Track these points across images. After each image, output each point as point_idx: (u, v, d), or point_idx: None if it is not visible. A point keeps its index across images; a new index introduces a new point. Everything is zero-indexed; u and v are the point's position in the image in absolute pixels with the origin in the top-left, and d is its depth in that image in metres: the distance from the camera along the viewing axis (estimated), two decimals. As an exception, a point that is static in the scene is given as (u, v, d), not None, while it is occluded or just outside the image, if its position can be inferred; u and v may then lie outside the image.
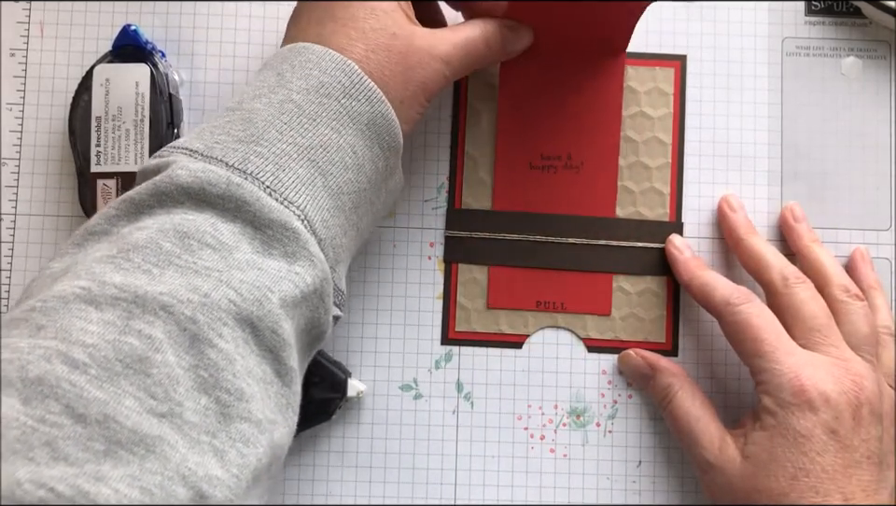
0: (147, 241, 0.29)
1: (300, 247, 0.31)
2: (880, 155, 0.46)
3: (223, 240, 0.30)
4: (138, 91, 0.42)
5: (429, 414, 0.44)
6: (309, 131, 0.33)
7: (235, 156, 0.32)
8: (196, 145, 0.32)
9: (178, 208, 0.31)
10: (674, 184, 0.45)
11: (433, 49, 0.37)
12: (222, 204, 0.31)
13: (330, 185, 0.33)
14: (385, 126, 0.35)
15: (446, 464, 0.44)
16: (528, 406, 0.44)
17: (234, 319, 0.29)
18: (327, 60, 0.34)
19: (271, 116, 0.33)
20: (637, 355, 0.43)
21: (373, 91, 0.35)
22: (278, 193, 0.32)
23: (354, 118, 0.34)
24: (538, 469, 0.44)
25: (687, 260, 0.43)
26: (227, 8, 0.46)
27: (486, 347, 0.44)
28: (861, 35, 0.46)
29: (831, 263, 0.42)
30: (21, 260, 0.45)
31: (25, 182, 0.45)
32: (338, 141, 0.34)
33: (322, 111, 0.34)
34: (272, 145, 0.32)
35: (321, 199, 0.33)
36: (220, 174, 0.31)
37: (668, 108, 0.45)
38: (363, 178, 0.35)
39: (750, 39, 0.46)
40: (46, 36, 0.46)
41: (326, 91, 0.34)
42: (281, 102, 0.33)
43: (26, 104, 0.45)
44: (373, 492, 0.44)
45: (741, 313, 0.40)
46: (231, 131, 0.33)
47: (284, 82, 0.34)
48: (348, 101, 0.34)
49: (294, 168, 0.32)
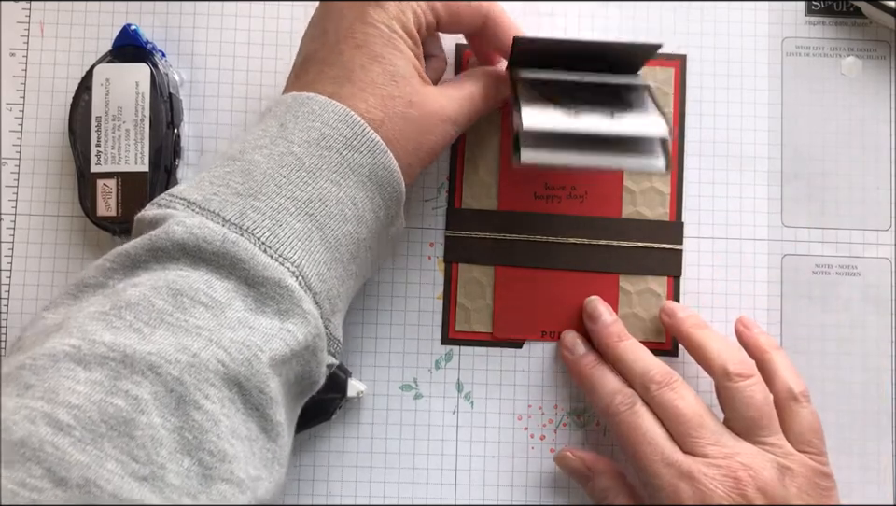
0: (140, 298, 0.30)
1: (293, 305, 0.31)
2: (880, 155, 0.46)
3: (216, 297, 0.30)
4: (138, 91, 0.42)
5: (429, 413, 0.44)
6: (308, 184, 0.33)
7: (233, 210, 0.32)
8: (194, 196, 0.32)
9: (174, 264, 0.31)
10: (674, 184, 0.45)
11: (443, 112, 0.37)
12: (217, 261, 0.31)
13: (328, 238, 0.33)
14: (388, 177, 0.35)
15: (446, 464, 0.44)
16: (528, 406, 0.44)
17: (222, 380, 0.29)
18: (329, 111, 0.34)
19: (270, 169, 0.33)
20: (574, 456, 0.42)
21: (375, 142, 0.35)
22: (273, 249, 0.32)
23: (355, 169, 0.34)
24: (538, 469, 0.44)
25: (576, 360, 0.43)
26: (227, 8, 0.46)
27: (486, 347, 0.44)
28: (861, 35, 0.46)
29: (710, 346, 0.41)
30: (21, 260, 0.45)
31: (25, 182, 0.45)
32: (337, 194, 0.34)
33: (322, 164, 0.34)
34: (269, 199, 0.33)
35: (317, 253, 0.33)
36: (216, 230, 0.31)
37: (668, 108, 0.45)
38: (363, 229, 0.35)
39: (750, 39, 0.46)
40: (46, 36, 0.46)
41: (327, 144, 0.34)
42: (281, 154, 0.33)
43: (26, 104, 0.45)
44: (373, 492, 0.44)
45: (620, 424, 0.40)
46: (230, 183, 0.33)
47: (285, 133, 0.34)
48: (349, 152, 0.34)
49: (291, 223, 0.32)
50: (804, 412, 0.40)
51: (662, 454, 0.38)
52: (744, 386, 0.39)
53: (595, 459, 0.42)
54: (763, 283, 0.45)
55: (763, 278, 0.45)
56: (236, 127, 0.45)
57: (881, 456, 0.44)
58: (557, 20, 0.46)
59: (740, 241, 0.45)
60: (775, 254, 0.45)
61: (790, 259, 0.45)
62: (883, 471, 0.44)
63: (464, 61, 0.46)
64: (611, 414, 0.40)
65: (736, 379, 0.39)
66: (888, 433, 0.45)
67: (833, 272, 0.45)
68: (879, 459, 0.44)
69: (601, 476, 0.41)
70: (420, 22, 0.37)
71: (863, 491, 0.44)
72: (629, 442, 0.39)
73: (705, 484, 0.37)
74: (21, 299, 0.44)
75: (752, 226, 0.45)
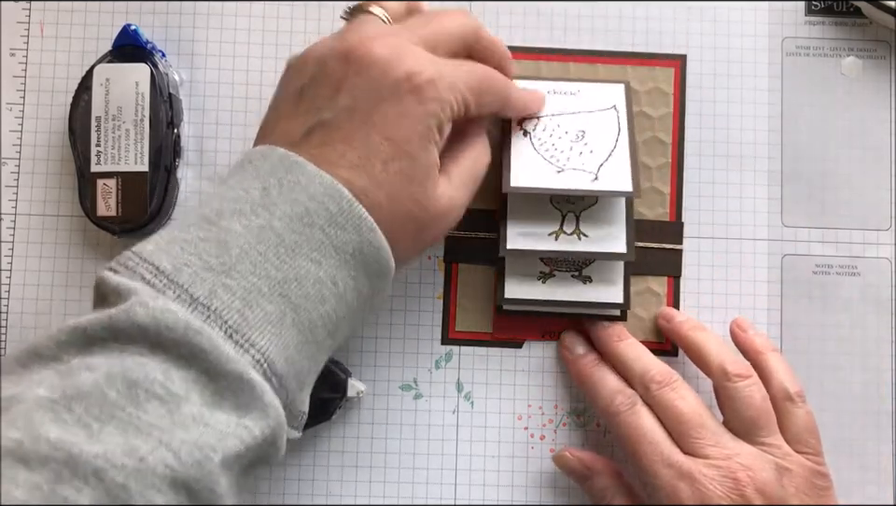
0: (93, 387, 0.28)
1: (253, 399, 0.30)
2: (880, 155, 0.46)
3: (173, 390, 0.29)
4: (138, 91, 0.42)
5: (429, 413, 0.44)
6: (285, 263, 0.32)
7: (203, 287, 0.30)
8: (164, 263, 0.31)
9: (133, 346, 0.29)
10: (674, 184, 0.45)
11: (451, 209, 0.37)
12: (178, 350, 0.29)
13: (302, 320, 0.32)
14: (374, 254, 0.33)
15: (446, 464, 0.44)
16: (528, 406, 0.44)
17: (169, 485, 0.28)
18: (316, 184, 0.32)
19: (247, 243, 0.31)
20: (573, 457, 0.42)
21: (363, 218, 0.33)
22: (240, 334, 0.30)
23: (338, 247, 0.33)
24: (538, 469, 0.44)
25: (576, 360, 0.43)
26: (227, 8, 0.46)
27: (486, 347, 0.44)
28: (861, 35, 0.46)
29: (708, 347, 0.41)
30: (21, 260, 0.45)
31: (25, 182, 0.45)
32: (317, 273, 0.32)
33: (303, 241, 0.32)
34: (243, 277, 0.31)
35: (288, 336, 0.31)
36: (180, 317, 0.29)
37: (668, 108, 0.45)
38: (343, 307, 0.33)
39: (750, 39, 0.46)
40: (46, 36, 0.46)
41: (310, 221, 0.32)
42: (261, 228, 0.32)
43: (26, 104, 0.45)
44: (373, 492, 0.44)
45: (619, 425, 0.40)
46: (203, 254, 0.31)
47: (267, 203, 0.32)
48: (333, 229, 0.32)
49: (263, 305, 0.31)
50: (800, 412, 0.40)
51: (661, 454, 0.38)
52: (742, 387, 0.39)
53: (593, 459, 0.42)
54: (763, 283, 0.45)
55: (762, 278, 0.45)
56: (236, 127, 0.45)
57: (881, 456, 0.44)
58: (557, 20, 0.46)
59: (740, 241, 0.45)
60: (775, 254, 0.45)
61: (790, 259, 0.45)
62: (883, 471, 0.44)
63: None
64: (611, 415, 0.40)
65: (735, 379, 0.39)
66: (888, 433, 0.45)
67: (833, 272, 0.45)
68: (879, 459, 0.44)
69: (599, 476, 0.41)
70: (453, 116, 0.36)
71: (863, 491, 0.44)
72: (629, 442, 0.39)
73: (704, 485, 0.37)
74: (21, 299, 0.44)
75: (752, 226, 0.45)
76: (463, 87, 0.36)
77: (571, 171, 0.41)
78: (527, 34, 0.46)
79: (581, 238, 0.42)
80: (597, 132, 0.43)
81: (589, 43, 0.46)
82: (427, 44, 0.36)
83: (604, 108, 0.44)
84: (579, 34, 0.46)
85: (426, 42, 0.36)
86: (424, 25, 0.37)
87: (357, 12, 0.38)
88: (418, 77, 0.34)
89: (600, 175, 0.41)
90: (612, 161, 0.42)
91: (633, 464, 0.39)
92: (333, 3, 0.46)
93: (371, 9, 0.38)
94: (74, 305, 0.44)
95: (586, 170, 0.42)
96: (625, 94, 0.44)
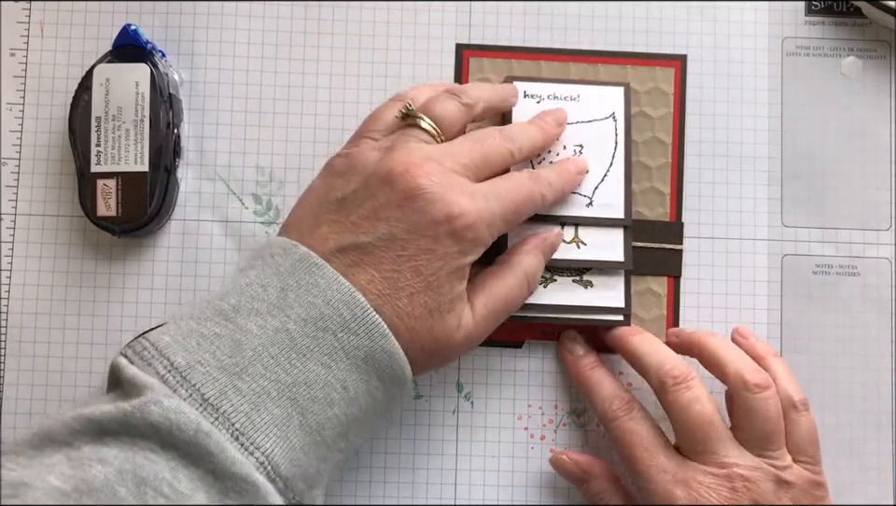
0: (104, 483, 0.29)
1: (257, 499, 0.31)
2: (880, 155, 0.46)
3: (179, 489, 0.30)
4: (138, 91, 0.42)
5: (429, 413, 0.44)
6: (295, 367, 0.32)
7: (214, 387, 0.31)
8: (179, 360, 0.32)
9: (144, 441, 0.30)
10: (674, 184, 0.45)
11: (469, 342, 0.37)
12: (187, 449, 0.30)
13: (309, 422, 0.32)
14: (387, 361, 0.34)
15: (446, 464, 0.44)
16: (528, 406, 0.44)
17: None
18: (334, 289, 0.33)
19: (261, 346, 0.32)
20: (570, 460, 0.42)
21: (376, 324, 0.33)
22: (246, 437, 0.31)
23: (349, 352, 0.33)
24: (538, 469, 0.44)
25: (575, 361, 0.43)
26: (227, 8, 0.46)
27: (486, 347, 0.44)
28: (860, 35, 0.46)
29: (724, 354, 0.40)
30: (21, 260, 0.45)
31: (25, 182, 0.45)
32: (325, 377, 0.33)
33: (315, 346, 0.33)
34: (254, 380, 0.32)
35: (294, 438, 0.32)
36: (191, 419, 0.30)
37: (668, 108, 0.46)
38: (354, 410, 0.34)
39: (750, 39, 0.46)
40: (46, 36, 0.46)
41: (324, 325, 0.33)
42: (275, 330, 0.33)
43: (26, 104, 0.45)
44: (373, 492, 0.44)
45: (616, 429, 0.40)
46: (218, 352, 0.32)
47: (284, 305, 0.33)
48: (345, 335, 0.33)
49: (270, 408, 0.32)
50: (802, 421, 0.39)
51: (657, 461, 0.38)
52: (763, 399, 0.38)
53: (589, 463, 0.42)
54: (763, 283, 0.45)
55: (762, 278, 0.45)
56: (236, 127, 0.45)
57: (881, 456, 0.44)
58: (557, 20, 0.46)
59: (740, 241, 0.45)
60: (775, 254, 0.45)
61: (790, 259, 0.45)
62: (883, 471, 0.44)
63: (464, 61, 0.46)
64: (608, 420, 0.40)
65: (755, 390, 0.39)
66: (888, 433, 0.45)
67: (833, 272, 0.45)
68: (879, 459, 0.44)
69: (596, 479, 0.41)
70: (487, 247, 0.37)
71: (863, 491, 0.44)
72: (625, 448, 0.39)
73: (699, 492, 0.37)
74: (21, 299, 0.44)
75: (752, 226, 0.45)
76: (500, 222, 0.37)
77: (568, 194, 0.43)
78: (527, 34, 0.46)
79: (579, 246, 0.43)
80: (595, 146, 0.44)
81: (589, 43, 0.46)
82: (468, 170, 0.37)
83: (603, 117, 0.44)
84: (579, 34, 0.46)
85: (467, 169, 0.37)
86: (468, 152, 0.38)
87: (410, 122, 0.38)
88: (458, 221, 0.35)
89: (595, 199, 0.43)
90: (608, 183, 0.43)
91: (628, 469, 0.39)
92: (333, 3, 0.46)
93: (422, 125, 0.38)
94: (74, 305, 0.44)
95: (582, 193, 0.43)
96: (625, 99, 0.44)
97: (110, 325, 0.44)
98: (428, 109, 0.39)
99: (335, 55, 0.46)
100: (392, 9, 0.46)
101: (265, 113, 0.46)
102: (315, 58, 0.46)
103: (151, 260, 0.45)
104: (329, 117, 0.46)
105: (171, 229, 0.45)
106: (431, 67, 0.46)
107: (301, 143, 0.45)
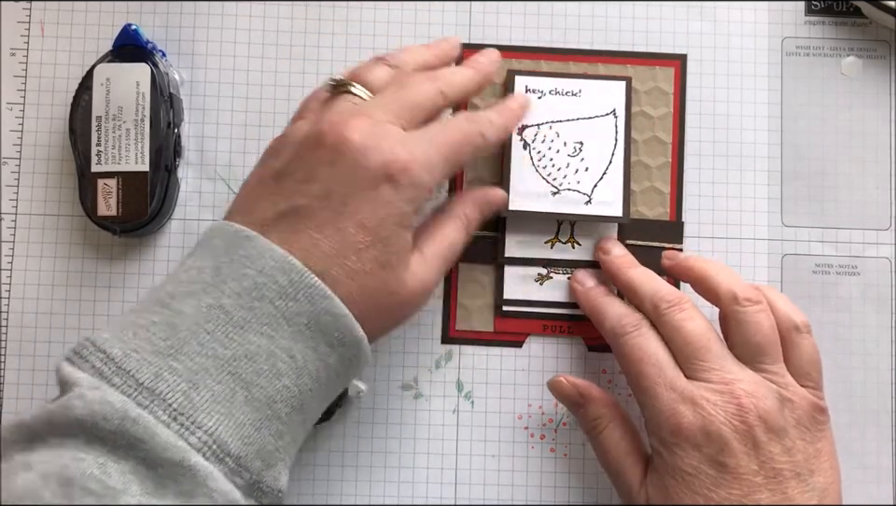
0: (27, 490, 0.28)
1: (196, 485, 0.29)
2: (880, 155, 0.46)
3: (110, 484, 0.29)
4: (139, 91, 0.42)
5: (429, 413, 0.44)
6: (233, 340, 0.31)
7: (148, 371, 0.30)
8: (115, 350, 0.31)
9: (71, 440, 0.29)
10: (674, 183, 0.45)
11: (423, 290, 0.36)
12: (115, 441, 0.29)
13: (256, 397, 0.31)
14: (333, 323, 0.33)
15: (446, 464, 0.44)
16: (528, 405, 0.44)
17: None
18: (267, 257, 0.32)
19: (195, 324, 0.31)
20: (568, 382, 0.41)
21: (315, 287, 0.32)
22: (186, 417, 0.30)
23: (290, 319, 0.32)
24: (538, 468, 0.44)
25: (586, 291, 0.43)
26: (227, 8, 0.46)
27: (486, 346, 0.44)
28: (860, 35, 0.46)
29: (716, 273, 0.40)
30: (22, 260, 0.45)
31: (25, 182, 0.45)
32: (268, 347, 0.32)
33: (252, 317, 0.32)
34: (189, 359, 0.31)
35: (240, 415, 0.31)
36: (116, 407, 0.29)
37: (668, 108, 0.46)
38: (305, 379, 0.33)
39: (750, 39, 0.46)
40: (46, 36, 0.46)
41: (259, 294, 0.32)
42: (209, 307, 0.32)
43: (27, 103, 0.45)
44: (373, 492, 0.44)
45: (624, 345, 0.39)
46: (153, 338, 0.31)
47: (217, 282, 0.32)
48: (284, 302, 0.32)
49: (210, 385, 0.31)
50: (804, 343, 0.39)
51: (665, 377, 0.37)
52: (753, 311, 0.38)
53: (587, 386, 0.41)
54: (763, 282, 0.45)
55: (763, 278, 0.45)
56: (236, 127, 0.45)
57: (881, 456, 0.44)
58: (557, 20, 0.46)
59: (740, 241, 0.45)
60: (775, 254, 0.45)
61: (790, 258, 0.45)
62: (883, 471, 0.44)
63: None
64: (617, 335, 0.39)
65: (745, 303, 0.38)
66: (888, 433, 0.45)
67: (832, 271, 0.45)
68: (879, 459, 0.44)
69: (593, 403, 0.41)
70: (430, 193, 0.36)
71: (863, 491, 0.44)
72: (632, 363, 0.38)
73: (706, 409, 0.36)
74: (21, 299, 0.44)
75: (752, 226, 0.45)
76: (439, 161, 0.36)
77: (567, 192, 0.43)
78: (527, 34, 0.46)
79: (574, 247, 0.44)
80: (595, 143, 0.44)
81: (589, 43, 0.46)
82: (400, 118, 0.36)
83: (603, 114, 0.44)
84: (579, 34, 0.46)
85: (399, 116, 0.36)
86: (395, 100, 0.37)
87: (342, 89, 0.38)
88: (393, 166, 0.34)
89: (594, 196, 0.43)
90: (606, 181, 0.44)
91: (634, 386, 0.39)
92: (333, 3, 0.46)
93: (352, 90, 0.38)
94: (74, 305, 0.44)
95: (581, 191, 0.43)
96: (626, 94, 0.44)
97: (110, 325, 0.44)
98: (358, 76, 0.38)
99: (335, 55, 0.46)
100: (392, 9, 0.46)
101: (265, 113, 0.46)
102: (315, 58, 0.46)
103: (152, 259, 0.45)
104: (330, 117, 0.46)
105: (171, 228, 0.45)
106: (431, 67, 0.46)
107: (301, 143, 0.45)
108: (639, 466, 0.39)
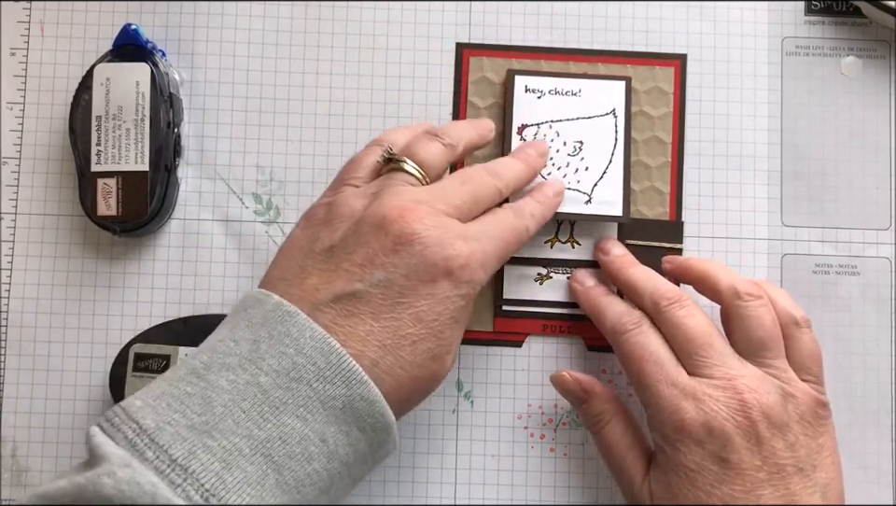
0: None
1: None
2: (880, 155, 0.46)
3: None
4: (139, 91, 0.42)
5: (429, 413, 0.44)
6: (269, 421, 0.31)
7: (182, 447, 0.30)
8: (148, 421, 0.30)
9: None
10: (674, 183, 0.45)
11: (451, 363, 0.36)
12: None
13: (287, 480, 0.31)
14: (367, 409, 0.32)
15: (446, 464, 0.44)
16: (528, 405, 0.44)
17: None
18: (307, 337, 0.32)
19: (231, 401, 0.31)
20: (570, 377, 0.41)
21: (352, 371, 0.32)
22: (217, 498, 0.29)
23: (325, 402, 0.32)
24: (538, 468, 0.44)
25: (586, 290, 0.43)
26: (227, 8, 0.46)
27: (486, 346, 0.44)
28: (860, 35, 0.46)
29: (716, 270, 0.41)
30: (22, 260, 0.45)
31: (25, 181, 0.45)
32: (302, 430, 0.31)
33: (289, 398, 0.31)
34: (224, 437, 0.30)
35: (270, 498, 0.30)
36: (145, 491, 0.29)
37: (668, 108, 0.46)
38: (336, 464, 0.32)
39: (750, 39, 0.46)
40: (46, 36, 0.46)
41: (297, 375, 0.31)
42: (246, 384, 0.31)
43: (26, 103, 0.45)
44: (373, 492, 0.44)
45: (625, 343, 0.39)
46: (188, 411, 0.31)
47: (255, 358, 0.32)
48: (321, 384, 0.32)
49: (243, 466, 0.30)
50: (805, 338, 0.39)
51: (666, 375, 0.37)
52: (755, 306, 0.38)
53: (590, 382, 0.41)
54: (763, 283, 0.45)
55: (762, 278, 0.45)
56: (236, 127, 0.45)
57: (881, 456, 0.44)
58: (557, 20, 0.46)
59: (740, 241, 0.45)
60: (775, 254, 0.45)
61: (790, 258, 0.45)
62: (883, 471, 0.44)
63: (464, 61, 0.46)
64: (618, 334, 0.40)
65: (747, 298, 0.39)
66: (888, 433, 0.45)
67: (832, 271, 0.45)
68: (879, 459, 0.44)
69: (596, 399, 0.41)
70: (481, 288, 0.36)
71: (863, 491, 0.44)
72: (633, 361, 0.38)
73: (708, 405, 0.36)
74: (21, 298, 0.44)
75: (752, 226, 0.45)
76: (493, 258, 0.37)
77: (567, 191, 0.43)
78: (527, 33, 0.46)
79: (574, 246, 0.44)
80: (594, 143, 0.44)
81: (589, 43, 0.46)
82: (459, 211, 0.37)
83: (603, 113, 0.44)
84: (579, 33, 0.46)
85: (458, 210, 0.37)
86: (458, 193, 0.37)
87: (394, 166, 0.38)
88: (454, 262, 0.34)
89: (594, 196, 0.44)
90: (606, 181, 0.44)
91: (636, 384, 0.39)
92: (333, 3, 0.46)
93: (406, 168, 0.38)
94: (74, 305, 0.44)
95: (581, 190, 0.44)
96: (626, 94, 0.44)
97: (110, 325, 0.44)
98: (411, 152, 0.38)
99: (335, 55, 0.46)
100: (392, 9, 0.46)
101: (265, 113, 0.46)
102: (315, 58, 0.46)
103: (151, 259, 0.45)
104: (329, 117, 0.46)
105: (171, 228, 0.45)
106: (431, 67, 0.46)
107: (301, 143, 0.46)
108: (642, 462, 0.39)
